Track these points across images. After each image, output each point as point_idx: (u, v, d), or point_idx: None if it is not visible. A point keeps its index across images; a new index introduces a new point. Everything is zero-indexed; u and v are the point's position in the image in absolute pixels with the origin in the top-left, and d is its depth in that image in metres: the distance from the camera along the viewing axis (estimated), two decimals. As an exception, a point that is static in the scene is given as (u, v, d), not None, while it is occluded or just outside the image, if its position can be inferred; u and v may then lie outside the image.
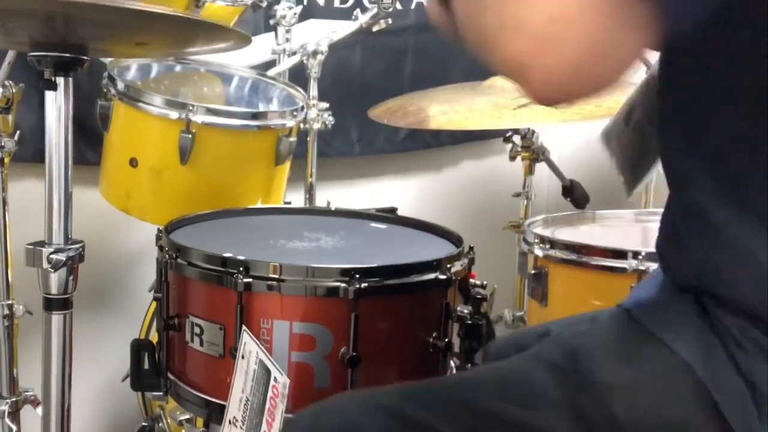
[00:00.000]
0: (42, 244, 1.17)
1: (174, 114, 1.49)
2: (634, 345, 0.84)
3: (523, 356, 0.91)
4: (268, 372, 1.00)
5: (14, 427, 1.60)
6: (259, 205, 1.61)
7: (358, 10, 1.92)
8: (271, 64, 1.90)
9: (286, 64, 1.86)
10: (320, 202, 1.94)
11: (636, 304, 0.89)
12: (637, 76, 0.99)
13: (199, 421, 1.36)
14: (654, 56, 0.94)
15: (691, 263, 0.83)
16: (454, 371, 1.20)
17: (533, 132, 1.97)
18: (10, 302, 1.60)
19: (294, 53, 1.86)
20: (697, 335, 0.80)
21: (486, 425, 0.83)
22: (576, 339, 0.89)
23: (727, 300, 0.79)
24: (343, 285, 1.07)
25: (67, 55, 1.13)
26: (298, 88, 1.76)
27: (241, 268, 1.09)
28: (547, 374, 0.84)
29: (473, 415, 0.84)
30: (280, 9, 1.86)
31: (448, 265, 1.14)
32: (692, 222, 0.82)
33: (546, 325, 1.16)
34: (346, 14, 2.03)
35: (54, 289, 1.17)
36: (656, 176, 0.99)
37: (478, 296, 1.17)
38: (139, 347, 1.26)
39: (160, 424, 1.68)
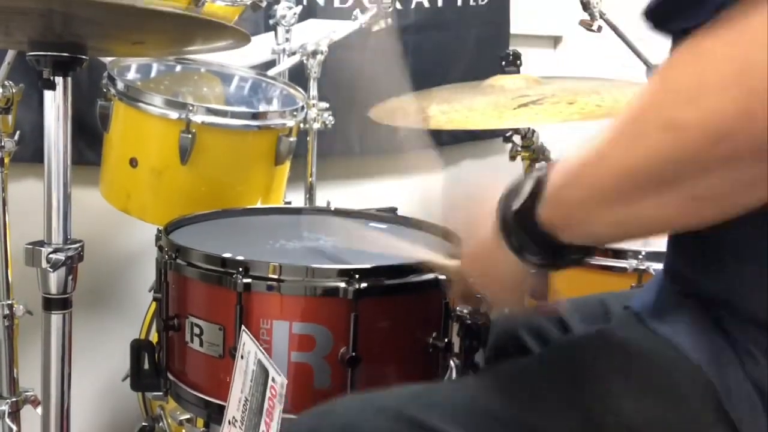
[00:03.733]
0: (41, 243, 1.17)
1: (174, 114, 1.48)
2: (644, 348, 0.83)
3: (532, 358, 0.90)
4: (266, 372, 1.00)
5: (14, 427, 1.60)
6: (258, 205, 1.61)
7: (357, 10, 1.92)
8: (271, 64, 1.90)
9: (285, 63, 1.86)
10: (320, 202, 1.94)
11: (644, 307, 0.87)
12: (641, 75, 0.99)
13: (200, 422, 1.36)
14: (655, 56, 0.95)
15: (696, 270, 0.82)
16: (454, 371, 1.20)
17: (533, 132, 1.97)
18: (10, 302, 1.60)
19: (294, 53, 1.86)
20: (707, 340, 0.79)
21: (490, 425, 0.82)
22: (585, 341, 0.88)
23: (733, 307, 0.78)
24: (343, 285, 1.07)
25: (66, 54, 1.13)
26: (298, 88, 1.76)
27: (240, 269, 1.09)
28: (556, 376, 0.84)
29: (477, 416, 0.83)
30: (280, 9, 1.86)
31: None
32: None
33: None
34: (345, 14, 2.03)
35: (53, 289, 1.17)
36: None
37: (478, 296, 1.17)
38: (139, 347, 1.26)
39: (160, 424, 1.68)
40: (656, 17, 0.69)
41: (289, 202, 1.78)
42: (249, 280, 1.08)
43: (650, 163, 0.62)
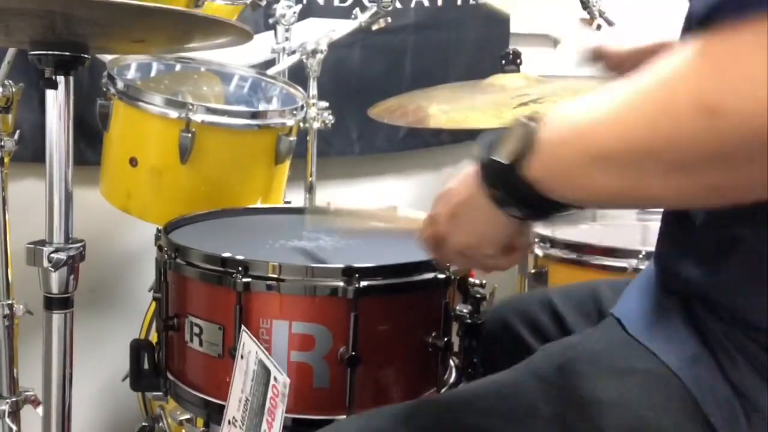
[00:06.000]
0: (42, 243, 1.17)
1: (174, 113, 1.49)
2: (623, 356, 0.83)
3: (516, 368, 0.90)
4: (267, 372, 1.00)
5: (15, 427, 1.60)
6: (258, 204, 1.61)
7: (357, 8, 1.92)
8: (270, 63, 1.90)
9: (285, 63, 1.86)
10: (320, 201, 1.94)
11: (625, 311, 0.88)
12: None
13: (199, 421, 1.36)
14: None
15: (687, 265, 0.82)
16: (454, 371, 1.20)
17: (533, 131, 1.97)
18: (10, 302, 1.60)
19: (293, 52, 1.86)
20: (684, 343, 0.79)
21: None
22: (566, 352, 0.89)
23: (718, 305, 0.78)
24: (343, 285, 1.07)
25: (68, 53, 1.13)
26: (298, 87, 1.76)
27: (240, 268, 1.09)
28: (537, 388, 0.84)
29: None
30: (280, 8, 1.86)
31: (448, 264, 1.14)
32: (692, 223, 0.82)
33: (545, 292, 1.16)
34: (345, 13, 2.03)
35: (54, 289, 1.17)
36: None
37: (478, 295, 1.17)
38: (138, 347, 1.26)
39: (160, 424, 1.69)
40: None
41: (289, 202, 1.78)
42: (249, 280, 1.08)
43: (674, 143, 0.57)
